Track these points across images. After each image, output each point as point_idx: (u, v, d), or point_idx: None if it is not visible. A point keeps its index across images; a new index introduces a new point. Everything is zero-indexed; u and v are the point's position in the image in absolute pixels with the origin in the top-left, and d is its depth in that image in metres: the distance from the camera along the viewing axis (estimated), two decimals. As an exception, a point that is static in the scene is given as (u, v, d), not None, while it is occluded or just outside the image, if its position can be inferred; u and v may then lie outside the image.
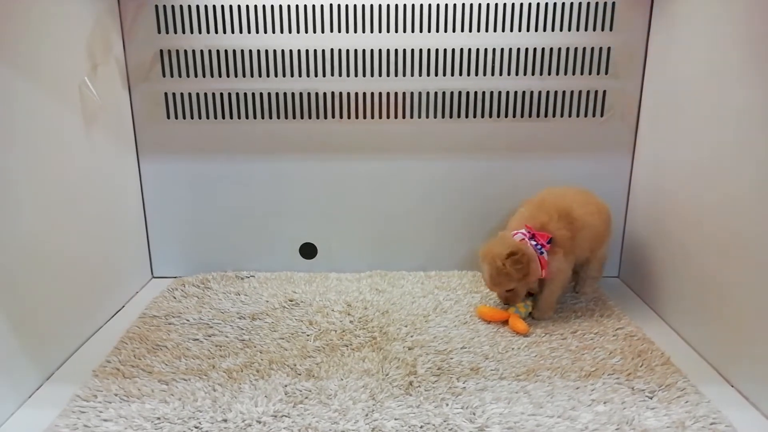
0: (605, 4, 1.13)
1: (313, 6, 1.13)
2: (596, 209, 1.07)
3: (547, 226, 1.03)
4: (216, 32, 1.15)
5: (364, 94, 1.19)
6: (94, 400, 0.81)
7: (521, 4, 1.13)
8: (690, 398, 0.81)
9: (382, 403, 0.80)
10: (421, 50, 1.16)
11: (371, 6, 1.13)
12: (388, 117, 1.20)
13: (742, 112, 0.85)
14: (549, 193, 1.10)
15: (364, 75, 1.17)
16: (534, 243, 1.01)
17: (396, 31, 1.15)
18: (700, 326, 0.96)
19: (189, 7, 1.13)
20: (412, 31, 1.15)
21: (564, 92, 1.18)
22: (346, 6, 1.13)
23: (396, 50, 1.16)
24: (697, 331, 0.97)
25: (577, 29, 1.15)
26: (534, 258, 1.00)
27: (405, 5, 1.13)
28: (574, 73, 1.17)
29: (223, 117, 1.20)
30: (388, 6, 1.13)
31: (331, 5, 1.13)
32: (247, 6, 1.13)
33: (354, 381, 0.86)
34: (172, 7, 1.13)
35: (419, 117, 1.20)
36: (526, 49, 1.16)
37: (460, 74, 1.17)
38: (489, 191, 1.25)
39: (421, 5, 1.13)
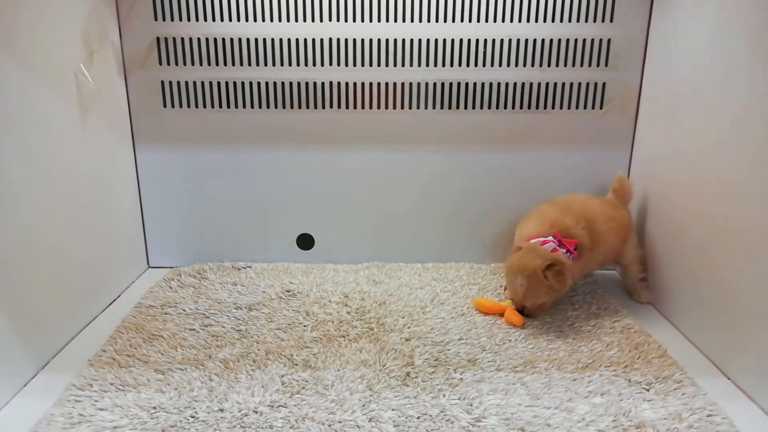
0: (606, -5, 1.13)
1: (312, -6, 1.12)
2: (616, 225, 1.06)
3: (572, 230, 1.01)
4: (213, 20, 1.13)
5: (363, 84, 1.18)
6: (89, 389, 0.80)
7: (521, -5, 1.12)
8: (686, 390, 0.81)
9: (379, 394, 0.80)
10: (420, 40, 1.15)
11: (370, -5, 1.12)
12: (386, 107, 1.20)
13: (742, 105, 0.84)
14: (574, 198, 1.09)
15: (362, 65, 1.16)
16: (564, 251, 0.99)
17: (395, 21, 1.14)
18: (696, 319, 0.96)
19: (186, -6, 1.12)
20: (412, 21, 1.14)
21: (564, 84, 1.18)
22: (345, -5, 1.12)
23: (395, 40, 1.15)
24: (694, 324, 0.97)
25: (578, 20, 1.14)
26: (569, 268, 0.97)
27: (404, -6, 1.12)
28: (574, 65, 1.16)
29: (221, 106, 1.19)
30: (388, -5, 1.12)
31: (329, -6, 1.12)
32: (245, -6, 1.12)
33: (351, 372, 0.85)
34: (169, -6, 1.12)
35: (418, 108, 1.20)
36: (526, 40, 1.15)
37: (460, 65, 1.17)
38: (488, 181, 1.25)
39: (421, -5, 1.12)
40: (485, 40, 1.15)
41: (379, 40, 1.15)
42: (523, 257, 0.98)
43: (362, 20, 1.14)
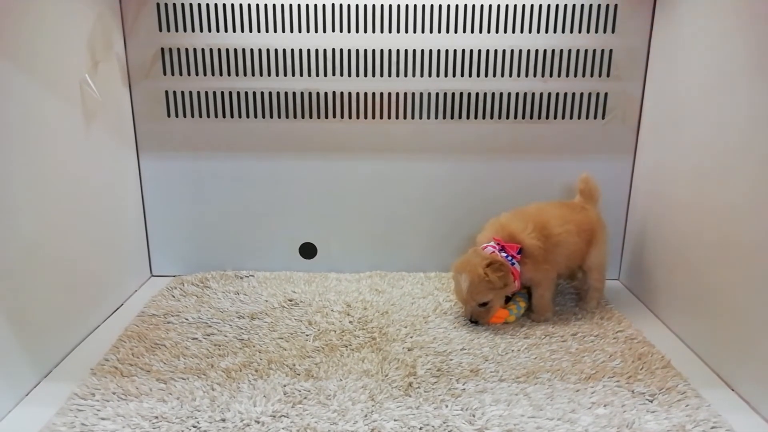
0: (607, 6, 1.13)
1: (315, 5, 1.13)
2: (576, 228, 1.05)
3: (518, 235, 1.02)
4: (217, 31, 1.14)
5: (366, 94, 1.18)
6: (91, 399, 0.80)
7: (523, 6, 1.13)
8: (690, 402, 0.81)
9: (382, 404, 0.80)
10: (423, 51, 1.16)
11: (373, 6, 1.13)
12: (389, 117, 1.20)
13: (744, 115, 0.85)
14: (530, 206, 1.09)
15: (365, 75, 1.17)
16: (505, 255, 1.00)
17: (398, 32, 1.14)
18: (700, 329, 0.96)
19: (191, 5, 1.13)
20: (414, 31, 1.15)
21: (566, 94, 1.18)
22: (348, 6, 1.13)
23: (398, 50, 1.16)
24: (698, 335, 0.97)
25: (579, 31, 1.15)
26: (509, 269, 1.00)
27: (407, 6, 1.13)
28: (576, 75, 1.17)
29: (224, 116, 1.20)
30: (390, 6, 1.13)
31: (333, 5, 1.13)
32: (249, 5, 1.13)
33: (353, 381, 0.85)
34: (174, 5, 1.13)
35: (420, 118, 1.20)
36: (528, 51, 1.16)
37: (462, 75, 1.17)
38: (490, 192, 1.25)
39: (423, 6, 1.13)
40: (487, 51, 1.16)
41: (381, 50, 1.16)
42: (464, 258, 1.02)
43: (365, 31, 1.14)
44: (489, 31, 1.14)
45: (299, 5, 1.13)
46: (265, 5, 1.13)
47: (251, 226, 1.27)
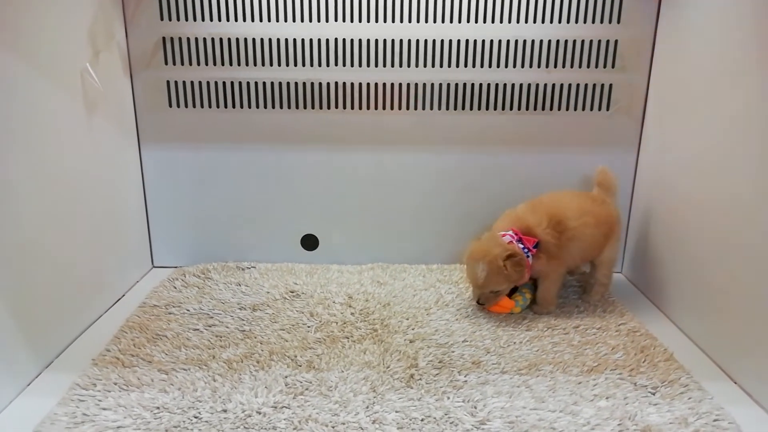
0: (613, -4, 1.12)
1: (318, -6, 1.12)
2: (594, 220, 1.03)
3: (534, 229, 1.02)
4: (219, 20, 1.13)
5: (369, 84, 1.18)
6: (93, 389, 0.80)
7: (528, -5, 1.12)
8: (693, 394, 0.80)
9: (383, 396, 0.80)
10: (426, 41, 1.15)
11: (376, -5, 1.12)
12: (392, 108, 1.19)
13: (750, 108, 0.84)
14: (548, 196, 1.08)
15: (368, 65, 1.16)
16: (521, 246, 1.00)
17: (401, 22, 1.13)
18: (703, 322, 0.96)
19: (192, -6, 1.12)
20: (418, 21, 1.14)
21: (570, 85, 1.17)
22: (351, -5, 1.12)
23: (401, 40, 1.15)
24: (701, 328, 0.97)
25: (585, 21, 1.13)
26: (527, 263, 1.00)
27: (410, -5, 1.12)
28: (580, 66, 1.16)
29: (226, 106, 1.19)
30: (394, -5, 1.12)
31: (335, -6, 1.12)
32: (251, -6, 1.12)
33: (355, 373, 0.85)
34: (175, -6, 1.12)
35: (423, 108, 1.19)
36: (533, 41, 1.14)
37: (466, 66, 1.16)
38: (493, 184, 1.24)
39: (427, -5, 1.12)
40: (491, 41, 1.15)
41: (384, 40, 1.15)
42: (483, 245, 1.01)
43: (368, 20, 1.13)
44: (493, 21, 1.13)
45: (301, -6, 1.12)
46: (267, -6, 1.12)
47: (253, 217, 1.27)
